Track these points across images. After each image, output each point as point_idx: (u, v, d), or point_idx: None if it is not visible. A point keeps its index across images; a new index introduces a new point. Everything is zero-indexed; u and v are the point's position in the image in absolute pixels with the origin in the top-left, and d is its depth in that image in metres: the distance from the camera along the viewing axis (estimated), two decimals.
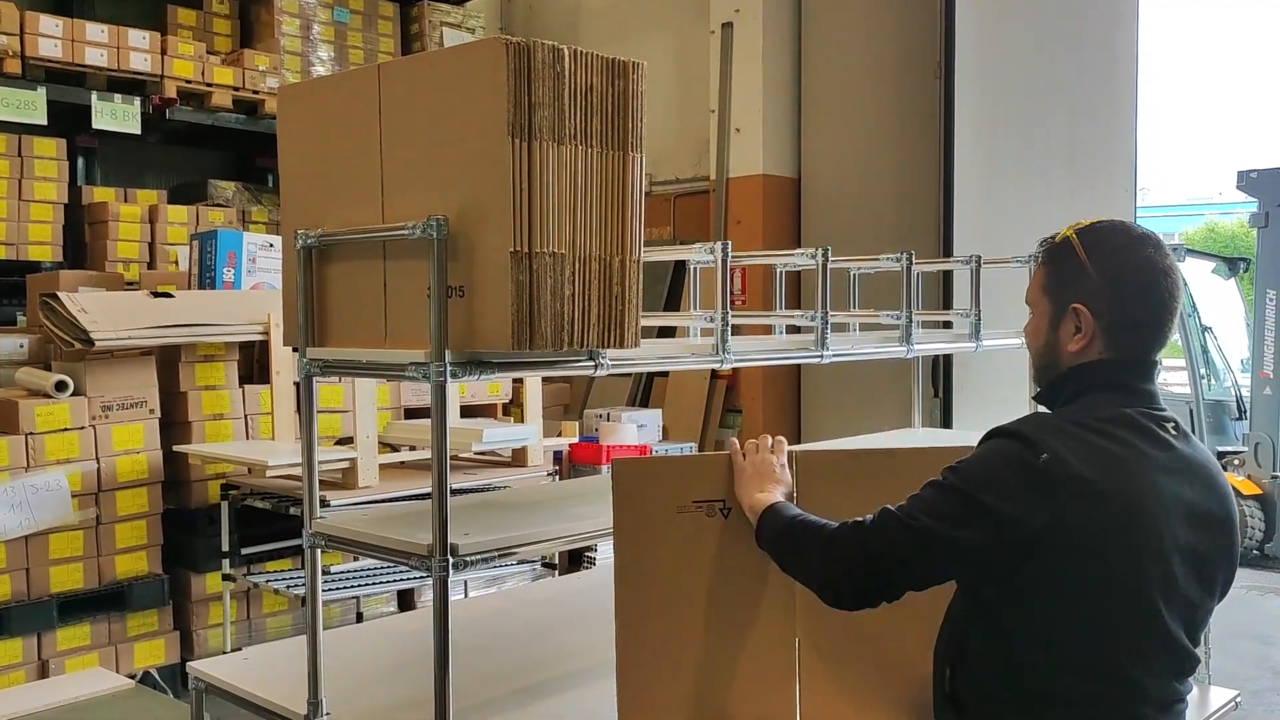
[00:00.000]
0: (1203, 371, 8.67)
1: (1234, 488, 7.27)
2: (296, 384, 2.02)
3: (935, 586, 1.59)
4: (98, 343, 4.31)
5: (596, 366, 1.88)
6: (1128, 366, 1.62)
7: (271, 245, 5.22)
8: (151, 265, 6.23)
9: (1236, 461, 8.21)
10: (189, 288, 5.21)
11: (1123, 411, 1.57)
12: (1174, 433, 1.60)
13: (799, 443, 6.41)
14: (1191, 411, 8.53)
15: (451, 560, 1.74)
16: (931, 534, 1.49)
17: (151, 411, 4.66)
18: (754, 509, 1.76)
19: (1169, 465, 1.55)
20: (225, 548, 4.67)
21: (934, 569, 1.54)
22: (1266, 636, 5.98)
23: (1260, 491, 7.81)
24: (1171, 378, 10.17)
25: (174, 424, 4.80)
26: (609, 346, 1.84)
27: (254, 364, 5.11)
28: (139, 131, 6.18)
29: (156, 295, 4.73)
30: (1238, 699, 2.91)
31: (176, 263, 6.00)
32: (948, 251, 5.83)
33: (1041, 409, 1.72)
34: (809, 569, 1.61)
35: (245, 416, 4.94)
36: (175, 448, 4.72)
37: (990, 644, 1.57)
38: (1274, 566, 7.71)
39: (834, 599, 1.58)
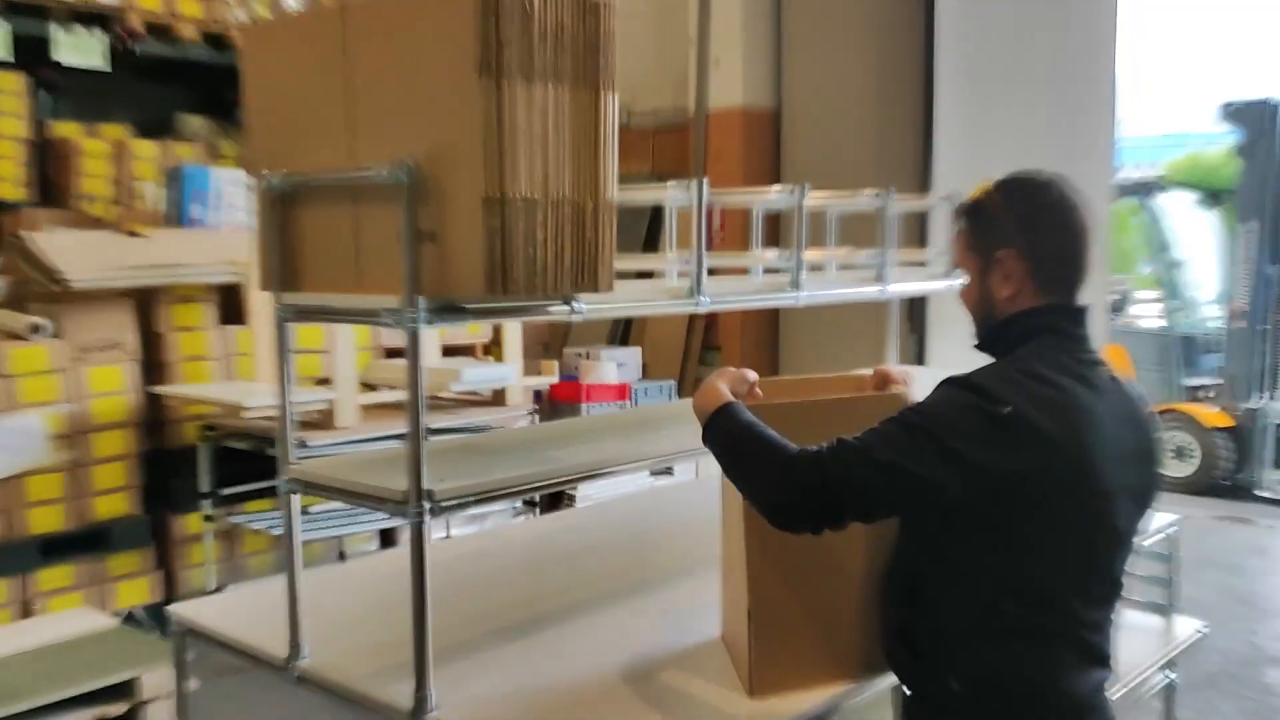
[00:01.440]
0: (1177, 305, 8.73)
1: (1204, 419, 7.39)
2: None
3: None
4: (73, 285, 4.26)
5: (571, 312, 1.87)
6: (1062, 311, 1.66)
7: (243, 182, 5.15)
8: (120, 202, 6.13)
9: (1210, 394, 8.31)
10: (160, 225, 5.15)
11: (1063, 360, 1.62)
12: (1110, 376, 1.66)
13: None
14: (1165, 344, 8.62)
15: (428, 506, 1.74)
16: (893, 467, 1.51)
17: (129, 353, 4.63)
18: (704, 409, 1.72)
19: (1110, 410, 1.61)
20: (205, 488, 4.67)
21: (891, 502, 1.57)
22: (1234, 565, 6.12)
23: (1232, 423, 7.92)
24: (1141, 310, 10.25)
25: (152, 365, 4.77)
26: (583, 291, 1.83)
27: (232, 304, 5.07)
28: (103, 65, 6.04)
29: (130, 235, 4.67)
30: (1204, 629, 2.99)
31: (145, 199, 5.91)
32: (929, 184, 5.81)
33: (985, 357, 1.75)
34: (759, 488, 1.60)
35: (224, 357, 4.92)
36: (153, 389, 4.70)
37: (943, 584, 1.63)
38: (1243, 497, 7.86)
39: (782, 522, 1.59)
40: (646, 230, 6.58)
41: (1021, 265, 1.65)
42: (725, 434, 1.68)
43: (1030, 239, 1.64)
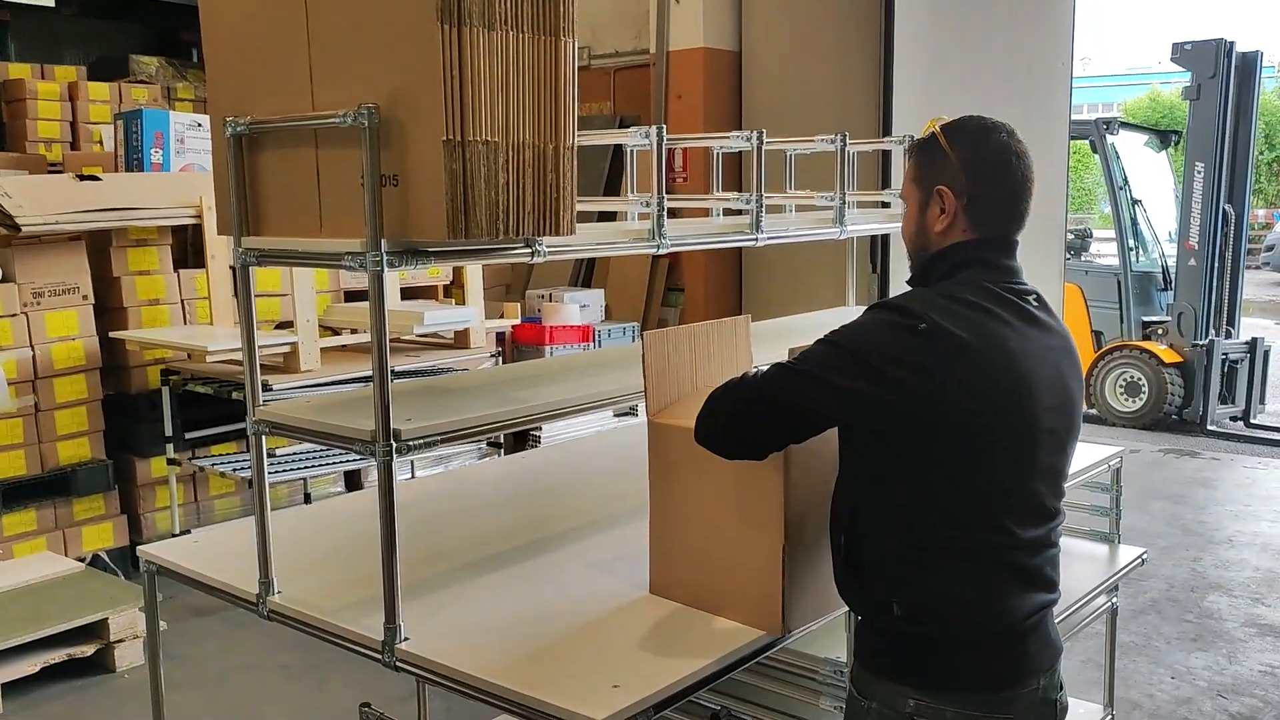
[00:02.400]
0: (1132, 244, 8.87)
1: (1156, 355, 7.53)
2: (233, 268, 2.01)
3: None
4: (24, 228, 4.21)
5: (533, 254, 1.89)
6: (990, 245, 1.74)
7: (200, 125, 5.09)
8: (75, 146, 6.04)
9: (1160, 331, 8.49)
10: (115, 169, 5.08)
11: (988, 286, 1.69)
12: (1035, 304, 1.73)
13: None
14: (1119, 282, 8.76)
15: (395, 445, 1.78)
16: (812, 380, 1.61)
17: (85, 298, 4.60)
18: None
19: (1034, 335, 1.68)
20: (169, 432, 4.68)
21: (806, 415, 1.65)
22: (1178, 496, 6.31)
23: (1181, 360, 8.10)
24: (1103, 249, 10.40)
25: (109, 310, 4.74)
26: (545, 234, 1.85)
27: (188, 248, 5.03)
28: (52, 4, 5.90)
29: (83, 178, 4.61)
30: (1144, 556, 3.11)
31: (101, 143, 5.83)
32: (888, 127, 5.84)
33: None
34: (701, 414, 1.74)
35: (182, 301, 4.90)
36: (112, 334, 4.68)
37: (879, 508, 1.70)
38: (1190, 430, 8.08)
39: (704, 438, 1.72)
40: (608, 170, 6.58)
41: (957, 202, 1.72)
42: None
43: (969, 178, 1.72)
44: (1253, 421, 8.27)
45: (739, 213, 2.65)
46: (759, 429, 1.67)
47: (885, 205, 3.77)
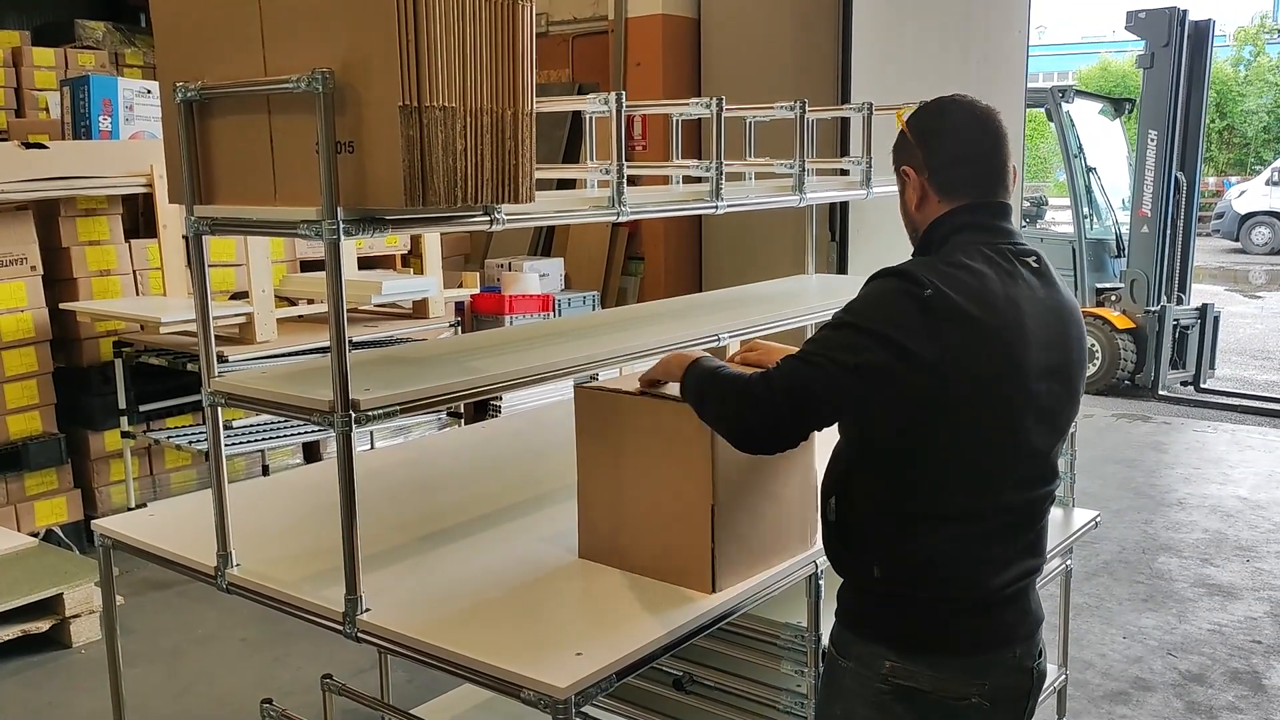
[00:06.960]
0: (1086, 211, 8.96)
1: (1109, 321, 7.63)
2: (185, 237, 1.98)
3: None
4: None
5: (492, 222, 1.88)
6: (975, 209, 1.75)
7: (150, 92, 4.98)
8: (20, 113, 5.89)
9: (1114, 297, 8.61)
10: (62, 137, 4.96)
11: (984, 251, 1.70)
12: (1035, 265, 1.75)
13: (700, 288, 6.52)
14: (1074, 250, 8.87)
15: (353, 415, 1.77)
16: (828, 363, 1.61)
17: (33, 269, 4.51)
18: (680, 364, 1.84)
19: (1030, 295, 1.70)
20: (122, 405, 4.61)
21: (838, 402, 1.65)
22: (1131, 460, 6.43)
23: (1134, 325, 8.23)
24: (1058, 216, 10.52)
25: (58, 281, 4.65)
26: (503, 201, 1.84)
27: (139, 217, 4.94)
28: None
29: (29, 146, 4.50)
30: (1097, 519, 3.16)
31: (47, 110, 5.68)
32: (846, 94, 5.84)
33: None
34: (723, 417, 1.72)
35: (134, 272, 4.81)
36: (62, 305, 4.59)
37: (871, 473, 1.71)
38: (1142, 395, 8.22)
39: (745, 443, 1.71)
40: (566, 139, 6.53)
41: (919, 177, 1.77)
42: (695, 380, 1.79)
43: (925, 151, 1.76)
44: (1203, 386, 8.42)
45: (699, 180, 2.64)
46: (788, 425, 1.65)
47: (844, 173, 3.77)
